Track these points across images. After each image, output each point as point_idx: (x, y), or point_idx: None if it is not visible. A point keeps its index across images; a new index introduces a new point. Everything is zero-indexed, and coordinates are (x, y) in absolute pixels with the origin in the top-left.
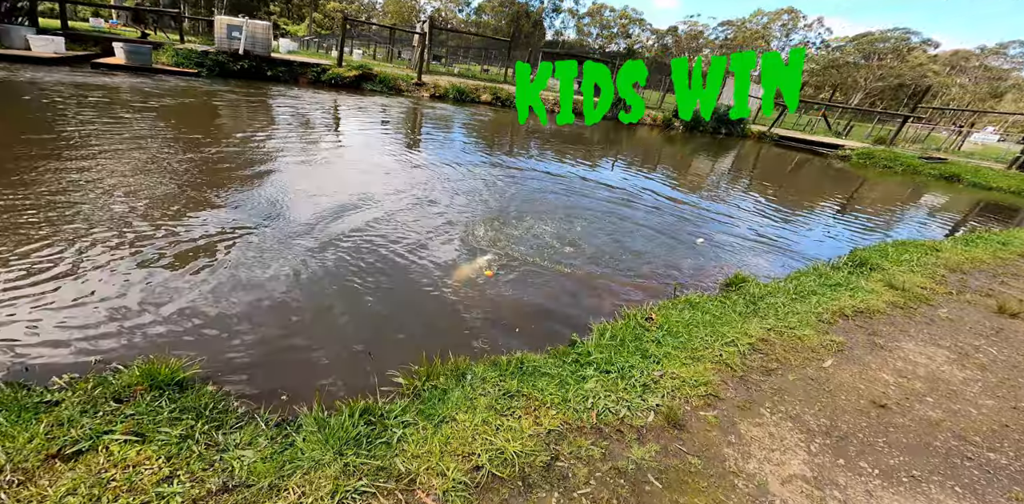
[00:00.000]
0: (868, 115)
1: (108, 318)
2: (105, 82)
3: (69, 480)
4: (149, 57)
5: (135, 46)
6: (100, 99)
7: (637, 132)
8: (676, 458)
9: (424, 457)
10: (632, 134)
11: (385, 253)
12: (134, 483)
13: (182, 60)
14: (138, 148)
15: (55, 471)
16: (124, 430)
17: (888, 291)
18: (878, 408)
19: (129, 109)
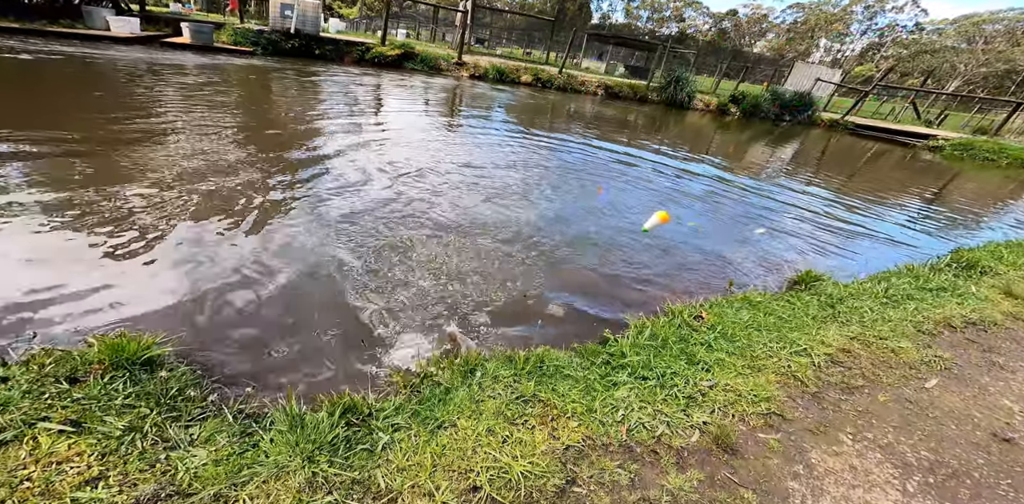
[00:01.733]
0: (966, 104)
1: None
2: (171, 59)
3: None
4: (211, 36)
5: (198, 26)
6: (170, 75)
7: (687, 117)
8: (724, 490)
9: (411, 471)
10: (684, 119)
11: (414, 226)
12: (51, 484)
13: (240, 39)
14: (202, 120)
15: None
16: (61, 418)
17: (1006, 300)
18: (1001, 442)
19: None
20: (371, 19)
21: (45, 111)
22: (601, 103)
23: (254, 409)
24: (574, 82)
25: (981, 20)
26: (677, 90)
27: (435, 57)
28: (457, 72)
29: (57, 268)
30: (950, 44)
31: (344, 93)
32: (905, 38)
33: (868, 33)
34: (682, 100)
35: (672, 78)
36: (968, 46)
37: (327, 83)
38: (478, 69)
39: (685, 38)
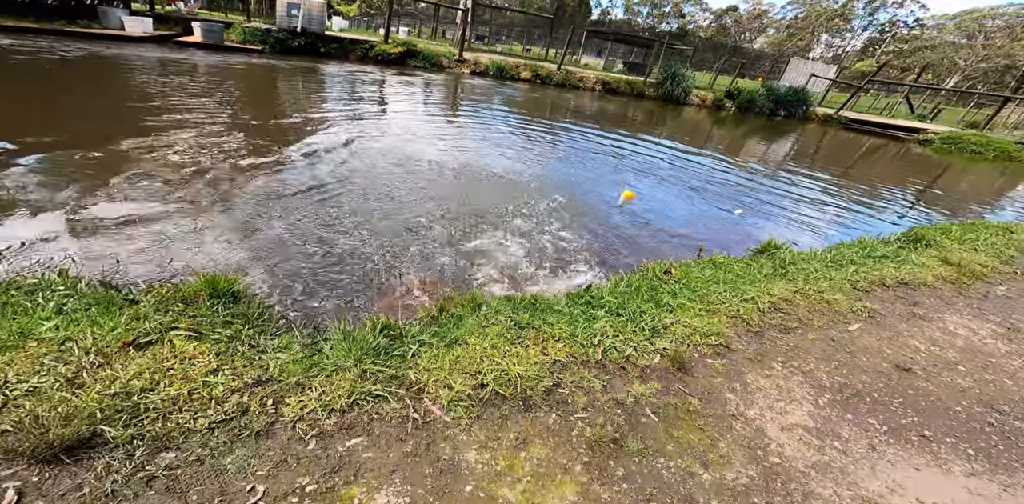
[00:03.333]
0: (963, 99)
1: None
2: (186, 57)
3: (137, 366)
4: (221, 35)
5: (209, 25)
6: (186, 71)
7: (683, 112)
8: (676, 397)
9: (434, 371)
10: (679, 114)
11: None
12: (187, 372)
13: (248, 38)
14: (217, 113)
15: (128, 357)
16: (186, 327)
17: (941, 266)
18: (901, 371)
19: (209, 81)
20: (372, 17)
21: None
22: (599, 98)
23: (314, 327)
24: (572, 78)
25: (981, 15)
26: (673, 86)
27: (436, 54)
28: (458, 69)
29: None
30: (950, 39)
31: (351, 89)
32: (905, 34)
33: (869, 28)
34: (678, 95)
35: (669, 74)
36: (968, 41)
37: (335, 79)
38: (479, 66)
39: (686, 34)
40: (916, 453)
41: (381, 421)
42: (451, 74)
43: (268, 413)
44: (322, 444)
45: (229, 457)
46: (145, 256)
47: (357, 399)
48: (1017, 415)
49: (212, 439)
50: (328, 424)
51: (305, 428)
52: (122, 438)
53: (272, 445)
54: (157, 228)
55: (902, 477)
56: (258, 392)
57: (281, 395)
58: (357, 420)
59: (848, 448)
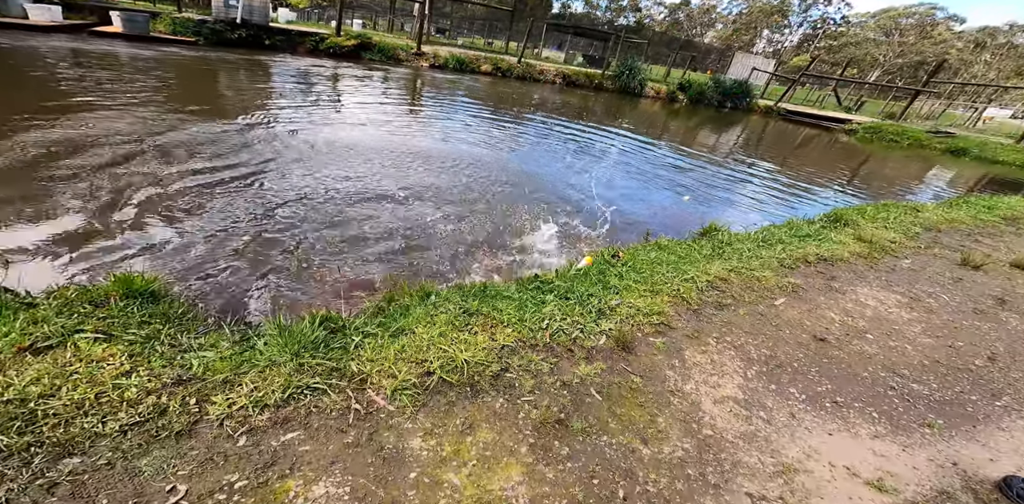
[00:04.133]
0: (884, 91)
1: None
2: (106, 50)
3: (35, 371)
4: (146, 25)
5: (131, 15)
6: (103, 65)
7: (640, 104)
8: (620, 376)
9: (378, 361)
10: (635, 106)
11: (386, 187)
12: (94, 376)
13: (179, 28)
14: (138, 107)
15: (24, 363)
16: (94, 329)
17: (856, 243)
18: (818, 342)
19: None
20: (323, 9)
21: None
22: (559, 91)
23: (247, 324)
24: (533, 71)
25: (897, 14)
26: (630, 78)
27: (393, 47)
28: (416, 62)
29: None
30: (871, 36)
31: (300, 82)
32: (834, 30)
33: (804, 25)
34: (635, 88)
35: (625, 67)
36: (886, 38)
37: (282, 72)
38: (438, 59)
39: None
40: (829, 419)
41: (320, 414)
42: (409, 67)
43: (190, 412)
44: (253, 440)
45: (145, 459)
46: (48, 259)
47: (293, 393)
48: (914, 378)
49: (124, 442)
50: (260, 420)
51: (234, 425)
52: (17, 446)
53: (196, 444)
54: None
55: (817, 442)
56: (179, 392)
57: (206, 394)
58: (293, 414)
59: (772, 417)
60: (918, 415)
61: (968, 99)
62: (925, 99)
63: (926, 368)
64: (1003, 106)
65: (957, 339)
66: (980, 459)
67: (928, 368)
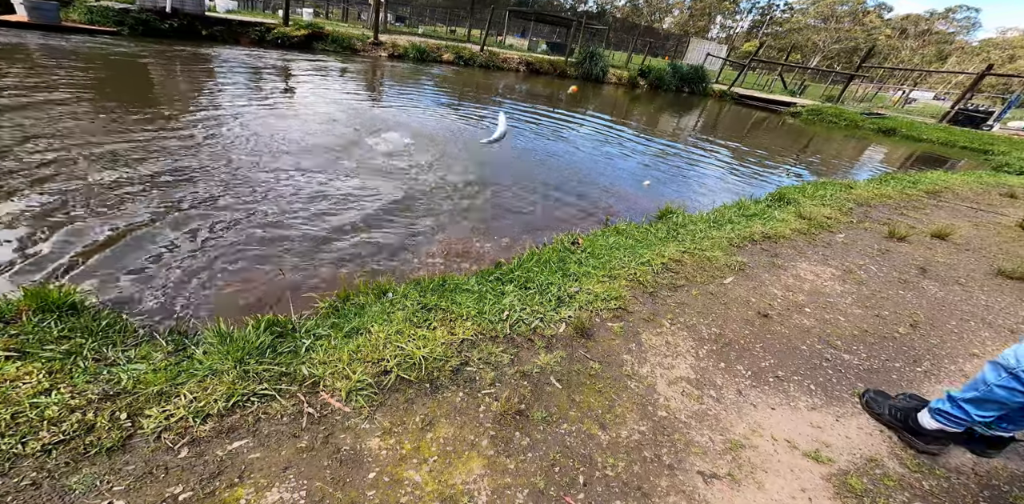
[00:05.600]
0: (824, 76)
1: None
2: (15, 42)
3: None
4: (56, 14)
5: (37, 2)
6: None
7: (604, 90)
8: (579, 363)
9: (331, 363)
10: (599, 92)
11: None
12: (8, 396)
13: (98, 18)
14: (57, 106)
15: None
16: (4, 347)
17: (797, 220)
18: (762, 318)
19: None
20: None
21: None
22: (523, 79)
23: (183, 333)
24: (496, 60)
25: (832, 1)
26: (592, 65)
27: (348, 37)
28: (374, 52)
29: None
30: (812, 23)
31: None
32: (779, 16)
33: (753, 11)
34: (597, 74)
35: (587, 54)
36: (824, 25)
37: (221, 65)
38: (397, 49)
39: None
40: (772, 393)
41: (270, 420)
42: (366, 58)
43: (122, 427)
44: (196, 451)
45: (75, 477)
46: None
47: (239, 401)
48: (846, 349)
49: (49, 461)
50: (203, 430)
51: (173, 437)
52: None
53: (131, 459)
54: None
55: (761, 417)
56: (106, 407)
57: (139, 407)
58: (240, 422)
59: (721, 395)
60: (849, 385)
61: (897, 82)
62: (859, 83)
63: (856, 338)
64: (927, 89)
65: (883, 308)
66: None
67: (858, 338)
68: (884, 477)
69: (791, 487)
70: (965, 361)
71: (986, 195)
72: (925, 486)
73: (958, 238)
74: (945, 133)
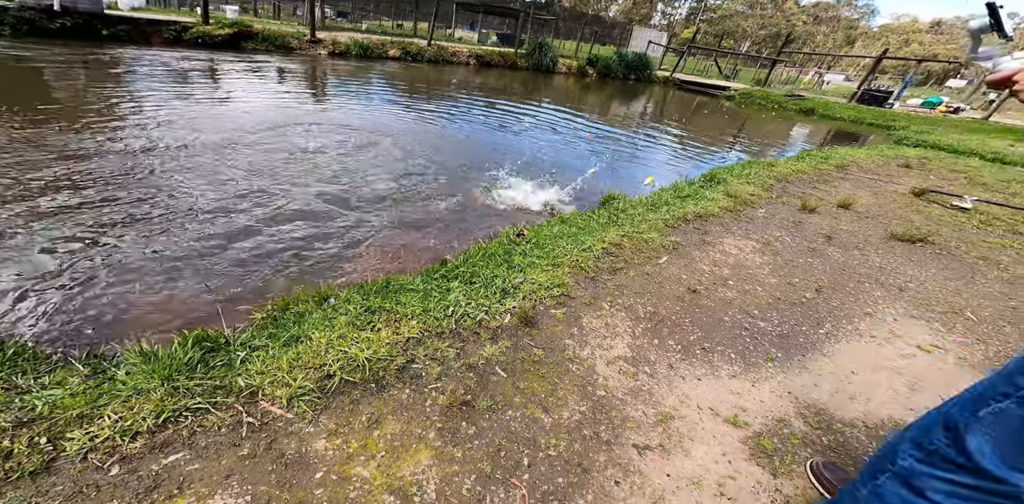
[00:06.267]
0: (753, 60)
1: None
2: None
3: None
4: None
5: None
6: None
7: (554, 80)
8: (524, 351)
9: (270, 373)
10: (550, 82)
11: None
12: None
13: None
14: None
15: None
16: None
17: (725, 199)
18: (691, 293)
19: None
20: None
21: None
22: (474, 72)
23: (100, 356)
24: (445, 54)
25: None
26: (542, 55)
27: (282, 35)
28: (313, 50)
29: None
30: (740, 9)
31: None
32: (713, 3)
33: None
34: (547, 65)
35: (536, 45)
36: (751, 11)
37: (132, 69)
38: (338, 46)
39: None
40: (698, 365)
41: (206, 432)
42: (304, 56)
43: (42, 452)
44: (129, 468)
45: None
46: None
47: (170, 417)
48: (762, 317)
49: None
50: (133, 448)
51: (102, 457)
52: None
53: (58, 480)
54: None
55: (689, 388)
56: (23, 433)
57: (59, 431)
58: (174, 437)
59: (654, 371)
60: (763, 351)
61: (814, 66)
62: (783, 66)
63: (770, 306)
64: (839, 71)
65: (794, 276)
66: (808, 385)
67: (772, 306)
68: (791, 436)
69: (714, 452)
70: (860, 320)
71: (886, 166)
72: (824, 441)
73: (860, 207)
74: (855, 112)
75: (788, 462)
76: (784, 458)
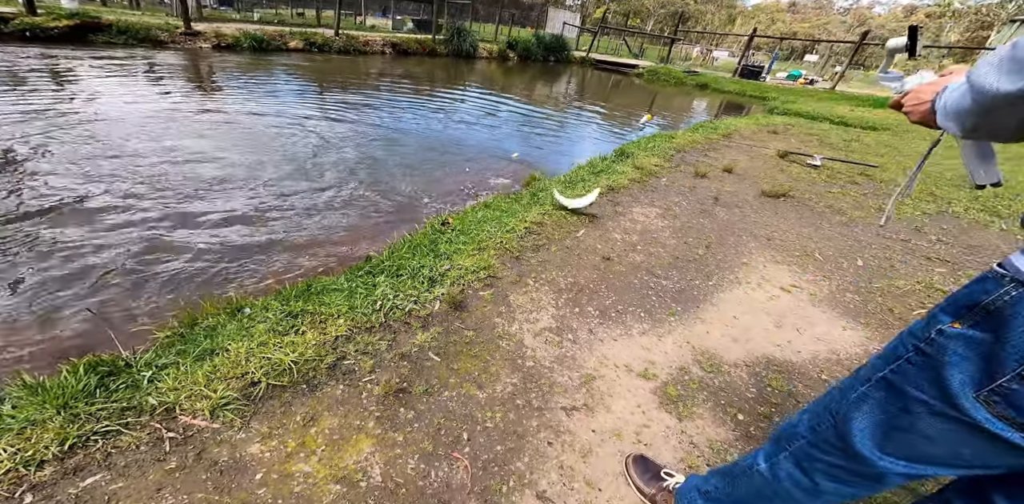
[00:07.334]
0: (658, 39)
1: None
2: None
3: None
4: None
5: None
6: None
7: (476, 65)
8: (455, 335)
9: (185, 388)
10: (472, 67)
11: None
12: None
13: None
14: None
15: None
16: None
17: (634, 171)
18: (606, 261)
19: None
20: None
21: None
22: (391, 61)
23: None
24: (357, 43)
25: None
26: (461, 41)
27: (144, 27)
28: (191, 43)
29: None
30: None
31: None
32: None
33: None
34: (468, 50)
35: (454, 30)
36: None
37: None
38: (223, 38)
39: None
40: (614, 327)
41: (123, 453)
42: (181, 51)
43: None
44: (44, 494)
45: None
46: None
47: (77, 443)
48: (664, 276)
49: None
50: (42, 475)
51: (8, 487)
52: None
53: None
54: None
55: (607, 350)
56: None
57: None
58: (87, 461)
59: (576, 337)
60: (666, 307)
61: (706, 43)
62: (681, 44)
63: (671, 265)
64: (725, 48)
65: (689, 236)
66: (701, 333)
67: (672, 265)
68: (691, 382)
69: (630, 405)
70: (739, 270)
71: (759, 133)
72: (716, 383)
73: (739, 170)
74: (738, 85)
75: (690, 406)
76: (687, 402)
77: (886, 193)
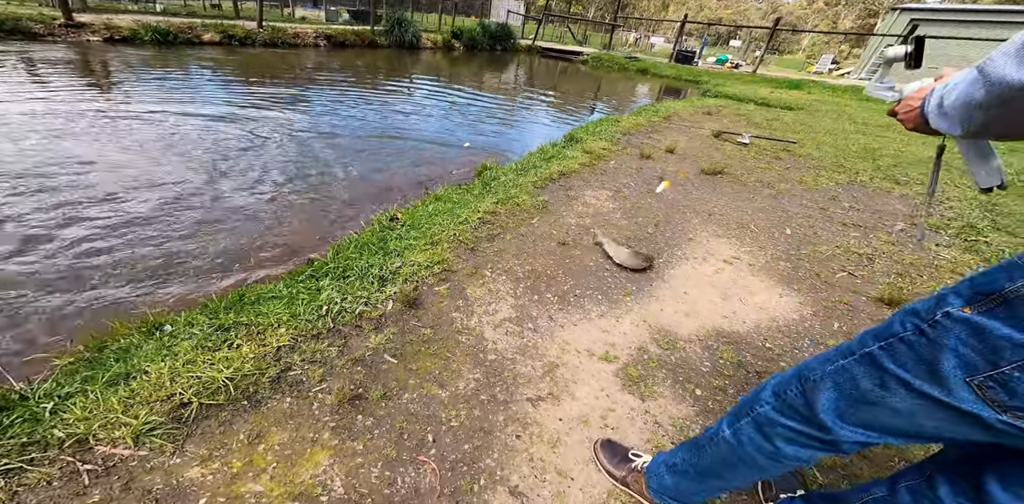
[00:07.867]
0: (600, 26)
1: None
2: None
3: None
4: None
5: None
6: None
7: (421, 56)
8: (412, 334)
9: (98, 416)
10: (417, 59)
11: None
12: None
13: None
14: None
15: None
16: None
17: (584, 156)
18: (561, 246)
19: None
20: None
21: None
22: (327, 54)
23: None
24: (285, 36)
25: None
26: (403, 32)
27: (12, 17)
28: (76, 36)
29: None
30: None
31: None
32: None
33: None
34: (410, 41)
35: (395, 20)
36: None
37: None
38: (116, 31)
39: None
40: (573, 311)
41: (32, 490)
42: (64, 45)
43: None
44: None
45: None
46: None
47: None
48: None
49: None
50: None
51: None
52: None
53: None
54: None
55: (568, 335)
56: None
57: None
58: None
59: (537, 325)
60: (621, 287)
61: (645, 30)
62: (621, 31)
63: (623, 245)
64: (661, 34)
65: (638, 216)
66: (656, 311)
67: (624, 244)
68: (650, 360)
69: (594, 389)
70: (686, 246)
71: (696, 115)
72: (673, 360)
73: (680, 150)
74: (675, 70)
75: (651, 385)
76: (647, 382)
77: (806, 167)
